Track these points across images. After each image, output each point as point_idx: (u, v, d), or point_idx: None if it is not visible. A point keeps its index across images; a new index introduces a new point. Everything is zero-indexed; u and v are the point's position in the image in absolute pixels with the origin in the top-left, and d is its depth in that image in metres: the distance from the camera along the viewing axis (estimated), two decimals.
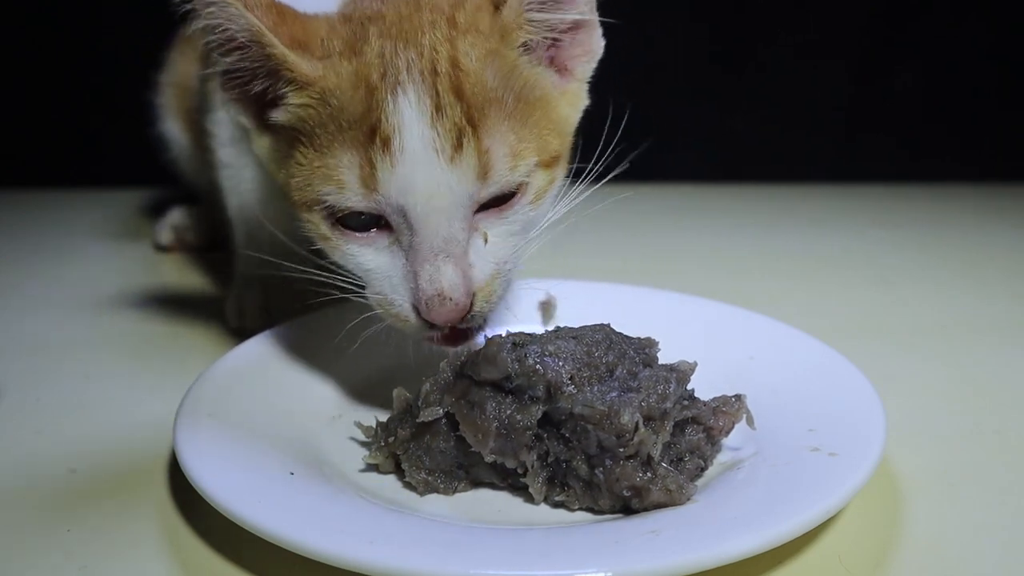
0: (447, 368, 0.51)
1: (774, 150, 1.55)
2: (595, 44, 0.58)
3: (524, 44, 0.54)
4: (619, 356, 0.50)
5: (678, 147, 1.55)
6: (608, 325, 0.53)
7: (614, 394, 0.47)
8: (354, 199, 0.51)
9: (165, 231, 1.10)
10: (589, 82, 0.60)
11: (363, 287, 0.55)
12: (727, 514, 0.43)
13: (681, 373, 0.50)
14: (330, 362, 0.62)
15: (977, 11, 1.51)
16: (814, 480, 0.45)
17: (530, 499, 0.48)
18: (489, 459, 0.48)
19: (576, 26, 0.56)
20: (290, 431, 0.54)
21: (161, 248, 1.10)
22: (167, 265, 1.06)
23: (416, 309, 0.52)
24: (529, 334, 0.51)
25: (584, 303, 0.66)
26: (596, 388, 0.47)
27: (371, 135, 0.50)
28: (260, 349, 0.62)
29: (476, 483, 0.50)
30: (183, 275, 1.02)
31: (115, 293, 0.95)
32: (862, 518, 0.48)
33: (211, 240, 1.07)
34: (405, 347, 0.58)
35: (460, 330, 0.54)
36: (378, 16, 0.54)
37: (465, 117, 0.50)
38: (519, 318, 0.62)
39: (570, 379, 0.47)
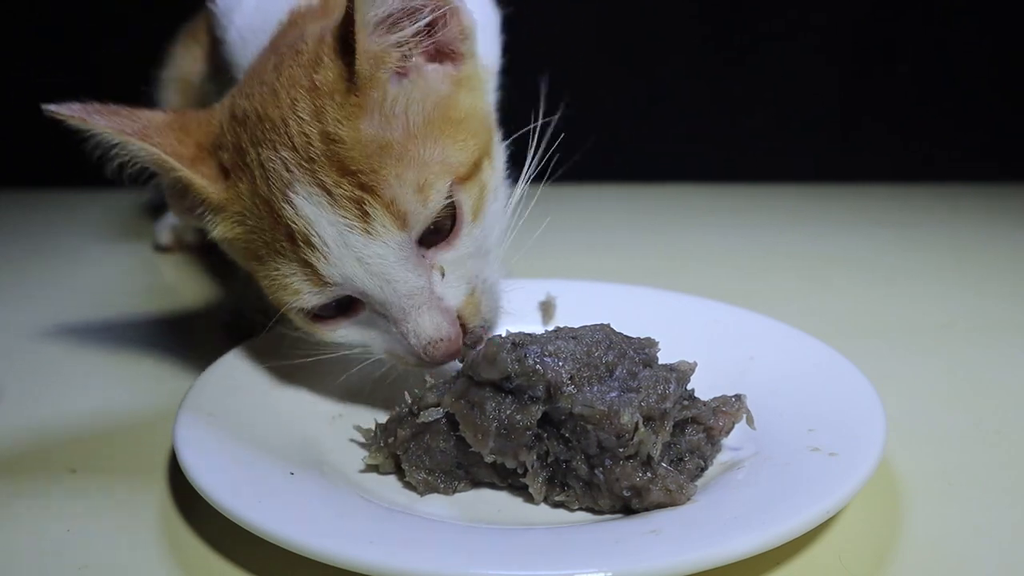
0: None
1: (774, 150, 1.55)
2: (466, 21, 0.55)
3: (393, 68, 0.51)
4: (619, 356, 0.50)
5: (678, 147, 1.56)
6: (608, 325, 0.53)
7: (614, 394, 0.47)
8: (314, 299, 0.52)
9: (165, 231, 1.10)
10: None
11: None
12: (727, 514, 0.43)
13: (681, 373, 0.50)
14: (330, 362, 0.62)
15: (977, 11, 1.51)
16: (814, 480, 0.45)
17: (530, 499, 0.48)
18: (489, 459, 0.48)
19: (443, 13, 0.53)
20: (290, 431, 0.54)
21: (161, 248, 1.10)
22: (167, 265, 1.07)
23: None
24: (529, 334, 0.51)
25: (584, 303, 0.66)
26: (596, 388, 0.47)
27: (292, 240, 0.51)
28: (260, 349, 0.62)
29: (476, 483, 0.50)
30: (183, 275, 1.02)
31: (115, 293, 0.95)
32: (862, 518, 0.48)
33: (210, 240, 1.07)
34: None
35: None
36: (244, 117, 0.52)
37: (357, 187, 0.49)
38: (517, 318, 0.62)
39: (570, 379, 0.47)
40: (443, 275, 0.53)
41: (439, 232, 0.52)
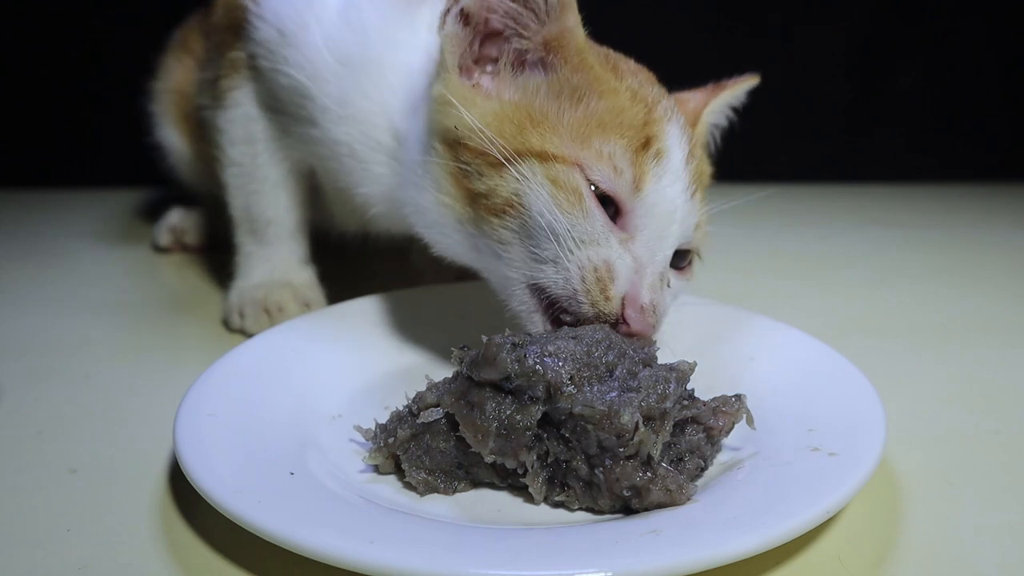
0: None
1: (774, 150, 1.55)
2: None
3: None
4: (619, 356, 0.50)
5: None
6: (608, 325, 0.53)
7: (614, 394, 0.47)
8: (623, 190, 0.55)
9: (164, 232, 1.10)
10: None
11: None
12: (727, 514, 0.43)
13: (681, 373, 0.50)
14: (330, 362, 0.62)
15: (978, 12, 1.52)
16: (814, 480, 0.45)
17: (530, 499, 0.48)
18: (489, 459, 0.48)
19: None
20: (290, 431, 0.54)
21: (160, 249, 1.10)
22: (166, 266, 1.07)
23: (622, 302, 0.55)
24: (529, 334, 0.51)
25: None
26: (596, 388, 0.47)
27: (645, 145, 0.56)
28: (260, 349, 0.62)
29: (476, 483, 0.50)
30: (182, 276, 1.02)
31: (115, 293, 0.95)
32: (862, 518, 0.48)
33: (210, 241, 1.07)
34: (407, 346, 0.58)
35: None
36: (619, 57, 0.63)
37: (696, 175, 0.60)
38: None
39: (570, 379, 0.47)
40: (668, 285, 0.60)
41: (679, 260, 0.62)
